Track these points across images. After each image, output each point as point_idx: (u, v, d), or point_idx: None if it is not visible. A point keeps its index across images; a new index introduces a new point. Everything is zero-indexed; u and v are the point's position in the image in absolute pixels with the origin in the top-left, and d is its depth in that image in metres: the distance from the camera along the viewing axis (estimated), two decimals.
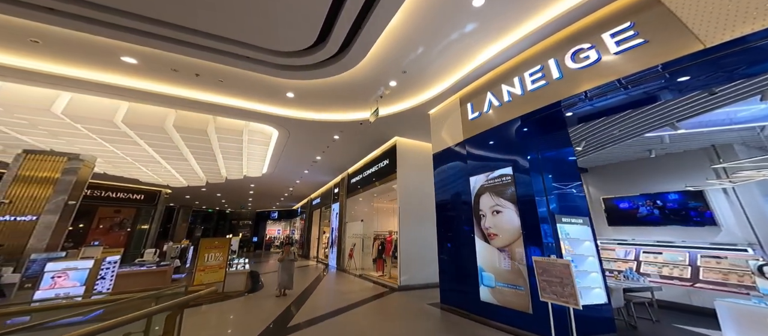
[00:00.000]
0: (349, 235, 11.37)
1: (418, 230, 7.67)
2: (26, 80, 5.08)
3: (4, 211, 6.71)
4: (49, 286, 5.53)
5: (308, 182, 14.74)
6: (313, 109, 7.05)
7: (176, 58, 4.78)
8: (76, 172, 7.73)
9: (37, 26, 3.93)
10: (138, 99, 5.95)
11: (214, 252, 7.99)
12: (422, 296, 6.41)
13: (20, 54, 4.59)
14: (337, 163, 11.44)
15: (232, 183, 13.40)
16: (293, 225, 23.89)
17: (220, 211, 25.43)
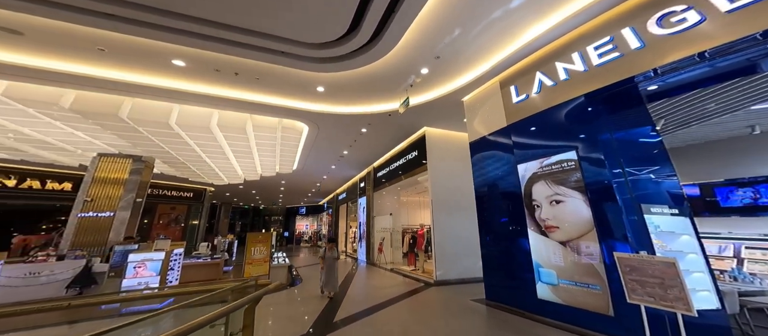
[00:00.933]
0: (377, 229, 11.08)
1: (453, 223, 7.15)
2: (98, 87, 5.26)
3: (88, 209, 7.14)
4: (132, 275, 5.78)
5: (335, 177, 14.67)
6: (342, 103, 6.73)
7: (218, 58, 4.69)
8: (140, 172, 8.14)
9: (103, 34, 3.99)
10: (187, 101, 6.03)
11: (259, 246, 8.06)
12: (462, 291, 5.92)
13: (91, 63, 4.74)
14: (364, 157, 11.16)
15: (265, 180, 13.62)
16: (320, 220, 24.20)
17: (254, 207, 26.45)
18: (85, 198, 7.29)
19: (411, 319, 4.31)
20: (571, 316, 3.47)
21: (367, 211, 11.66)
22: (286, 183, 15.84)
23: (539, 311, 3.87)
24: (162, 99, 5.87)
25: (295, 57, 4.66)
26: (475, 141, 5.79)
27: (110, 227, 7.48)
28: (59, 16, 3.55)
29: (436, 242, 6.96)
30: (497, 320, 4.06)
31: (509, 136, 4.88)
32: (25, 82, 5.04)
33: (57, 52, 4.47)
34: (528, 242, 4.13)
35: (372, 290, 6.43)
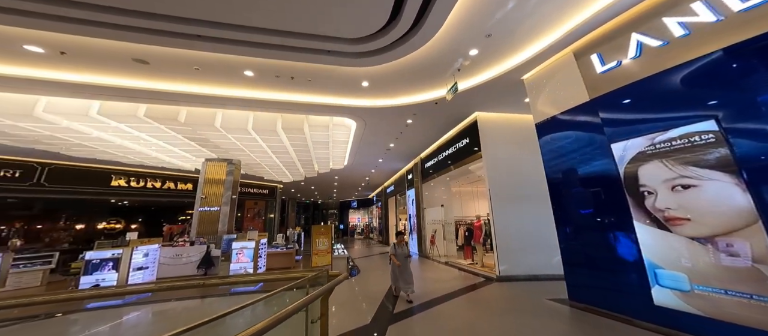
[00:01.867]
0: (427, 221, 10.67)
1: (516, 214, 6.29)
2: (201, 103, 5.99)
3: (203, 204, 8.71)
4: (235, 260, 6.80)
5: (382, 170, 14.71)
6: (387, 96, 6.45)
7: (276, 64, 4.87)
8: (232, 173, 9.48)
9: (197, 55, 4.49)
10: (257, 108, 6.49)
11: (322, 238, 8.51)
12: (533, 289, 5.13)
13: (192, 82, 5.41)
14: (410, 148, 10.80)
15: (322, 176, 14.34)
16: (371, 213, 24.91)
17: (314, 202, 28.83)
18: (201, 196, 8.83)
19: (477, 315, 3.89)
20: (723, 332, 2.55)
21: (417, 203, 11.35)
22: (338, 178, 16.57)
23: (659, 321, 3.00)
24: (239, 108, 6.44)
25: (339, 54, 4.60)
26: (544, 122, 4.89)
27: (218, 219, 8.91)
28: (175, 44, 4.03)
29: (498, 235, 6.23)
30: (595, 326, 3.32)
31: (594, 112, 3.92)
32: (149, 103, 5.96)
33: (173, 76, 5.18)
34: (634, 236, 3.24)
35: (429, 283, 6.11)
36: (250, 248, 7.07)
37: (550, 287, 4.96)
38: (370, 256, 11.42)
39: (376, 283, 6.31)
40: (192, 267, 7.19)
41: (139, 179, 10.83)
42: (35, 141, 7.03)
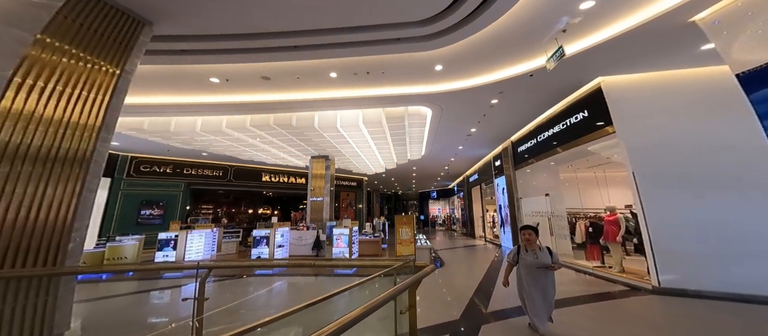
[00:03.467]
0: (525, 213, 8.81)
1: (684, 206, 4.12)
2: (305, 108, 7.07)
3: (312, 195, 10.93)
4: (336, 245, 8.18)
5: (463, 158, 13.45)
6: (464, 76, 5.67)
7: (353, 62, 5.06)
8: (329, 167, 11.30)
9: (295, 65, 5.20)
10: (341, 106, 7.12)
11: (405, 228, 8.68)
12: (736, 312, 3.14)
13: (295, 90, 6.31)
14: (497, 132, 9.20)
15: (400, 167, 14.66)
16: (451, 203, 23.61)
17: (394, 193, 30.47)
18: (310, 188, 11.11)
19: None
20: None
21: (508, 192, 9.61)
22: (416, 169, 16.51)
23: None
24: (329, 108, 7.22)
25: (409, 40, 4.32)
26: (756, 71, 2.81)
27: (322, 208, 10.93)
28: (282, 57, 4.73)
29: (653, 233, 4.28)
30: None
31: None
32: (275, 113, 7.47)
33: (284, 87, 5.93)
34: None
35: None
36: (345, 235, 8.20)
37: None
38: (453, 249, 10.78)
39: (463, 277, 5.90)
40: (308, 248, 9.02)
41: (275, 175, 14.84)
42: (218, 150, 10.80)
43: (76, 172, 2.57)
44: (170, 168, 11.07)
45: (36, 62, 2.40)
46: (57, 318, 2.38)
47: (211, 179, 12.32)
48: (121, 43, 3.12)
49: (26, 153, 2.27)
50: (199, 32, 3.81)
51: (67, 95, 2.55)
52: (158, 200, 10.65)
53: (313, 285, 5.50)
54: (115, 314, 3.84)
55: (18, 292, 2.16)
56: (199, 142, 8.81)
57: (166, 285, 5.15)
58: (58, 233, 2.43)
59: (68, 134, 2.53)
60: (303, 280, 5.67)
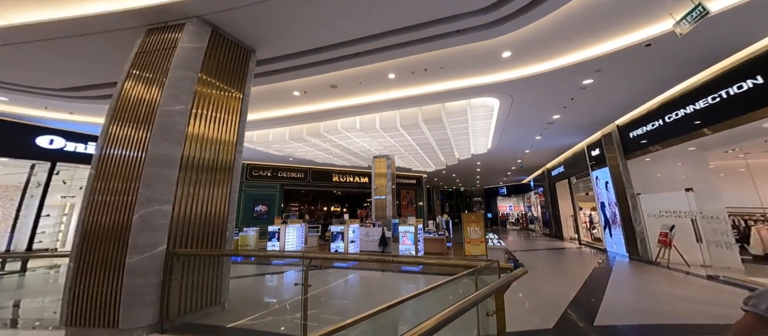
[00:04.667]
0: (647, 213, 6.77)
1: None
2: (364, 111, 7.57)
3: (376, 193, 11.70)
4: (401, 242, 8.43)
5: (541, 150, 11.44)
6: (541, 59, 4.84)
7: (410, 61, 5.02)
8: (390, 166, 11.76)
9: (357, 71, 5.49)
10: (401, 106, 7.24)
11: (473, 226, 8.12)
12: None
13: (358, 95, 6.68)
14: (591, 117, 7.42)
15: (463, 163, 13.81)
16: (527, 200, 20.49)
17: (456, 189, 28.81)
18: (373, 186, 11.79)
19: None
20: None
21: (617, 186, 7.58)
22: (481, 164, 15.21)
23: None
24: (389, 109, 7.42)
25: (470, 30, 3.95)
26: None
27: (385, 206, 11.42)
28: (353, 64, 4.78)
29: None
30: None
31: None
32: (335, 119, 8.22)
33: (349, 93, 6.22)
34: None
35: (674, 303, 3.72)
36: (410, 233, 8.30)
37: None
38: (533, 251, 9.37)
39: (552, 283, 5.06)
40: (374, 244, 9.55)
41: (342, 175, 16.48)
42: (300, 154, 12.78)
43: (226, 178, 3.48)
44: (269, 172, 13.73)
45: (200, 95, 3.26)
46: (222, 289, 3.28)
47: (296, 181, 14.65)
48: (241, 72, 3.81)
49: (201, 164, 3.23)
50: (284, 53, 4.44)
51: (217, 119, 3.48)
52: (264, 199, 13.45)
53: (381, 279, 5.76)
54: (245, 290, 4.61)
55: (201, 266, 3.10)
56: (288, 149, 10.59)
57: (274, 270, 6.38)
58: (220, 223, 3.35)
59: (220, 149, 3.46)
60: (371, 274, 6.01)
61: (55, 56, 4.12)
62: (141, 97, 3.00)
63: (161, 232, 2.73)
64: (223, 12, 3.26)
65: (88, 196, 2.73)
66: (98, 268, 2.59)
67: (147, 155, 2.76)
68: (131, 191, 2.68)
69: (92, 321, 2.51)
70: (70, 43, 3.74)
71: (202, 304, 3.03)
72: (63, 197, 7.83)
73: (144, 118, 2.90)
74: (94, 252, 2.63)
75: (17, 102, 5.89)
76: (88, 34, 3.53)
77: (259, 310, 3.52)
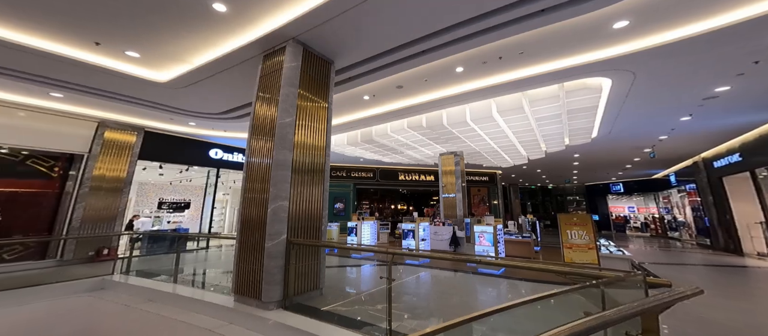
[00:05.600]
0: None
1: None
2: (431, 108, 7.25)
3: (444, 191, 11.32)
4: (477, 242, 7.82)
5: (689, 135, 8.23)
6: (685, 21, 3.58)
7: (481, 51, 4.52)
8: (459, 163, 11.10)
9: (423, 69, 5.45)
10: (470, 99, 6.63)
11: (576, 229, 6.61)
12: None
13: (424, 92, 6.51)
14: None
15: (552, 156, 11.58)
16: (665, 200, 15.00)
17: (541, 187, 24.28)
18: (442, 184, 11.34)
19: None
20: None
21: None
22: (580, 156, 12.20)
23: None
24: (456, 103, 6.94)
25: (561, 6, 3.24)
26: None
27: (455, 204, 10.81)
28: (418, 63, 4.65)
29: None
30: None
31: None
32: (401, 119, 8.22)
33: (415, 91, 6.51)
34: None
35: None
36: (488, 233, 7.51)
37: None
38: (682, 265, 7.05)
39: (728, 309, 3.48)
40: (445, 243, 9.13)
41: (408, 174, 16.68)
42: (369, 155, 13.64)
43: (320, 178, 4.04)
44: (344, 173, 15.30)
45: (300, 108, 3.77)
46: (320, 276, 3.81)
47: (367, 180, 15.78)
48: (324, 83, 4.21)
49: (304, 167, 3.86)
50: (357, 60, 4.72)
51: (311, 128, 4.07)
52: (341, 197, 15.16)
53: (453, 279, 5.53)
54: (331, 279, 4.96)
55: (305, 255, 3.65)
56: (359, 151, 11.53)
57: (353, 263, 6.97)
58: (317, 219, 3.91)
59: (315, 154, 4.04)
60: (442, 273, 5.80)
61: (213, 89, 5.65)
62: (266, 114, 3.78)
63: (283, 224, 3.37)
64: (309, 31, 3.73)
65: (243, 194, 3.66)
66: (251, 250, 3.42)
67: (272, 161, 3.46)
68: (265, 190, 3.42)
69: (248, 292, 3.32)
70: (221, 76, 5.06)
71: (307, 287, 3.57)
72: (225, 194, 11.04)
73: (269, 130, 3.66)
74: (249, 237, 3.47)
75: (200, 126, 8.42)
76: (231, 67, 4.65)
77: (346, 298, 3.87)
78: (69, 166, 6.79)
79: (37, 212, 6.29)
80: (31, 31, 3.89)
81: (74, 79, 5.03)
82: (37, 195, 6.34)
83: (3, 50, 4.09)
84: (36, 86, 5.18)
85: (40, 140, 6.31)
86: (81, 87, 5.28)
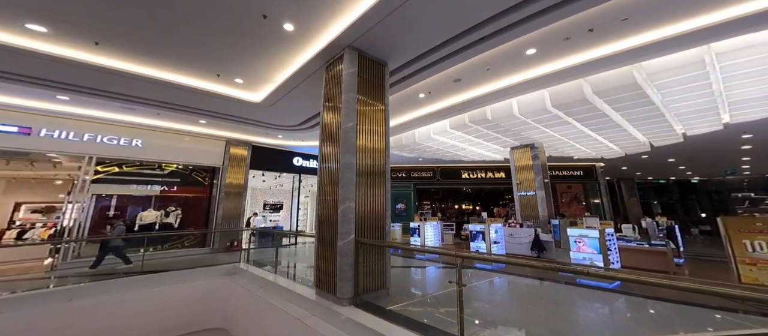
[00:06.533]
0: None
1: None
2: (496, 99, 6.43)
3: (520, 189, 9.77)
4: (575, 249, 6.30)
5: None
6: None
7: (562, 25, 3.74)
8: (538, 157, 9.30)
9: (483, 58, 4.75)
10: (548, 83, 5.54)
11: (763, 239, 4.38)
12: None
13: (486, 83, 5.86)
14: None
15: (693, 139, 8.21)
16: None
17: (678, 181, 17.39)
18: (516, 181, 9.79)
19: None
20: None
21: None
22: (755, 137, 8.08)
23: None
24: (531, 89, 5.86)
25: None
26: None
27: (536, 203, 9.06)
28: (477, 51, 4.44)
29: None
30: None
31: None
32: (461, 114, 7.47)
33: (474, 83, 5.94)
34: None
35: None
36: (591, 237, 5.85)
37: None
38: None
39: None
40: (523, 247, 7.74)
41: (473, 171, 15.24)
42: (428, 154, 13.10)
43: (381, 180, 4.10)
44: (404, 173, 15.41)
45: (360, 113, 3.90)
46: (386, 276, 3.84)
47: (427, 180, 15.40)
48: (380, 85, 4.29)
49: (366, 170, 4.02)
50: (411, 57, 4.57)
51: (371, 132, 4.19)
52: (402, 197, 15.33)
53: (539, 288, 4.76)
54: (396, 279, 5.19)
55: (372, 255, 3.76)
56: (418, 150, 11.33)
57: (418, 264, 6.78)
58: (381, 219, 3.99)
59: (375, 156, 4.15)
60: (523, 281, 5.07)
61: (291, 103, 6.44)
62: (331, 121, 4.14)
63: (351, 224, 3.58)
64: (362, 36, 3.84)
65: (318, 196, 4.12)
66: (327, 248, 3.79)
67: (340, 165, 3.75)
68: (335, 193, 3.74)
69: (326, 287, 3.68)
70: (295, 92, 5.70)
71: (374, 286, 3.65)
72: (305, 197, 13.05)
73: (335, 136, 3.98)
74: (324, 236, 3.84)
75: (285, 138, 9.99)
76: (302, 81, 5.22)
77: (411, 299, 3.85)
78: (213, 177, 9.31)
79: (199, 212, 9.00)
80: (188, 74, 5.26)
81: (212, 107, 6.72)
82: (199, 199, 9.04)
83: (172, 89, 5.54)
84: (191, 116, 7.13)
85: (197, 158, 8.87)
86: (215, 113, 7.03)
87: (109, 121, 7.24)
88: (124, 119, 7.25)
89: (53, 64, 4.55)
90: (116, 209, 7.58)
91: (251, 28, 3.84)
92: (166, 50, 4.44)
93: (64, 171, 8.41)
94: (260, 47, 4.33)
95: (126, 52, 4.51)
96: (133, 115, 7.04)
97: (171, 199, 8.45)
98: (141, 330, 4.97)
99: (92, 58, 4.56)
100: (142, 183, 8.04)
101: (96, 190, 7.27)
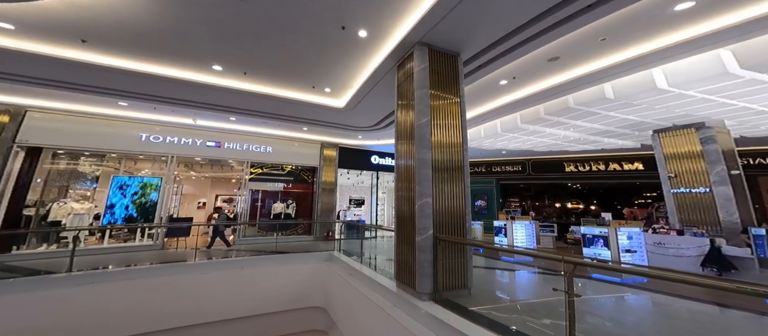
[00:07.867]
0: None
1: None
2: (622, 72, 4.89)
3: (675, 184, 6.94)
4: None
5: None
6: None
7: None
8: (714, 140, 6.15)
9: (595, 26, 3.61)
10: (725, 38, 3.67)
11: None
12: None
13: (602, 56, 4.56)
14: None
15: None
16: None
17: None
18: (668, 174, 6.81)
19: None
20: None
21: None
22: None
23: None
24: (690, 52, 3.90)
25: None
26: None
27: (712, 204, 5.97)
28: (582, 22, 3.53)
29: None
30: None
31: None
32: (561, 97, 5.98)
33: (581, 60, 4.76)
34: None
35: None
36: None
37: None
38: None
39: None
40: (685, 261, 5.46)
41: (585, 164, 11.70)
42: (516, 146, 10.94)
43: (460, 175, 3.82)
44: (483, 168, 13.90)
45: (433, 108, 3.81)
46: (468, 276, 3.56)
47: (513, 174, 13.31)
48: (454, 77, 4.11)
49: (443, 165, 3.88)
50: (487, 43, 4.05)
51: (446, 126, 3.96)
52: (482, 194, 13.81)
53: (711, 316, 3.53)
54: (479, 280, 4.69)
55: (451, 252, 3.59)
56: (501, 142, 9.76)
57: (504, 266, 5.99)
58: (461, 216, 3.76)
59: (453, 151, 3.92)
60: (680, 303, 3.81)
61: (368, 105, 6.86)
62: (405, 119, 4.22)
63: (429, 220, 3.56)
64: (430, 30, 3.68)
65: (396, 193, 4.31)
66: (405, 242, 3.92)
67: (415, 161, 3.78)
68: (412, 189, 3.81)
69: (405, 280, 3.82)
70: (371, 94, 6.02)
71: (455, 285, 3.49)
72: (383, 193, 13.98)
73: (409, 133, 4.04)
74: (403, 231, 3.91)
75: (364, 138, 11.00)
76: (377, 83, 5.47)
77: (497, 303, 3.59)
78: (313, 175, 11.35)
79: (306, 205, 11.27)
80: (294, 89, 6.38)
81: (310, 116, 8.03)
82: (306, 194, 11.31)
83: (288, 104, 6.81)
84: (296, 124, 8.73)
85: (302, 159, 10.99)
86: (312, 120, 8.41)
87: (256, 133, 10.02)
88: (263, 131, 9.84)
89: (227, 95, 6.26)
90: (260, 201, 10.49)
91: (333, 40, 4.31)
92: (282, 72, 5.55)
93: (235, 173, 12.41)
94: (341, 57, 4.84)
95: (265, 80, 5.91)
96: (267, 128, 9.45)
97: (289, 194, 10.93)
98: (266, 301, 6.25)
99: (242, 85, 6.05)
100: (273, 180, 10.72)
101: (251, 186, 10.24)
